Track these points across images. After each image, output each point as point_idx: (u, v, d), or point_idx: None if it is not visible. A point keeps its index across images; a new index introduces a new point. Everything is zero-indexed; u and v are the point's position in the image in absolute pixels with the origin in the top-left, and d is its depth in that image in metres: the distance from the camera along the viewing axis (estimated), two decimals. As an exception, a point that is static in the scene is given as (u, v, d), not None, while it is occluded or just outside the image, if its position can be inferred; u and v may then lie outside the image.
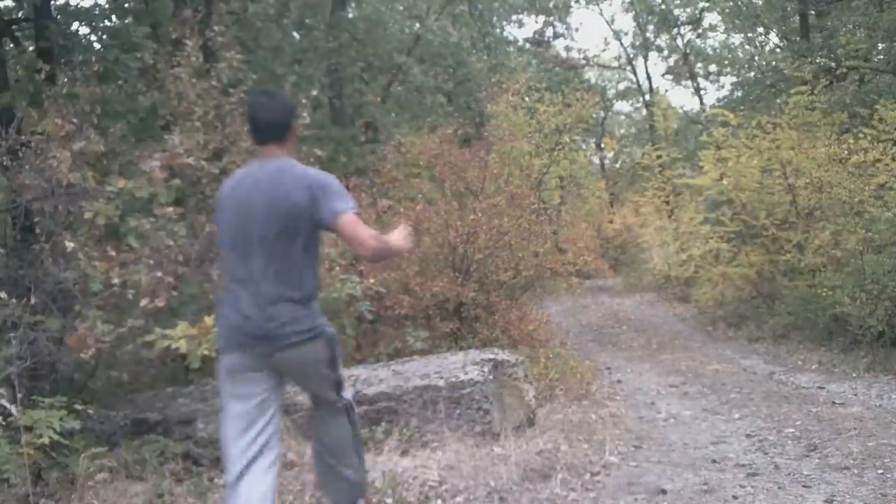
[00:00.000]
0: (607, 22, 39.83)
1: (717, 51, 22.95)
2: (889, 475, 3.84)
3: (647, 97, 26.56)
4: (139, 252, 4.48)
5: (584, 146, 22.32)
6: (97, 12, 7.92)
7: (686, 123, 22.20)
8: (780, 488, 3.72)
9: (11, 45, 7.61)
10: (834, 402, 5.92)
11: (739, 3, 17.22)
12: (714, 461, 4.32)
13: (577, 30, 42.54)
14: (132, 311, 4.31)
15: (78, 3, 8.12)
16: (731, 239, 12.29)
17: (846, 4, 13.43)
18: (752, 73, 17.39)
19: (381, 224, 8.12)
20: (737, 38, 20.65)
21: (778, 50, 17.20)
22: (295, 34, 12.76)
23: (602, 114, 26.93)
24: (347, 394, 2.83)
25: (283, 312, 2.55)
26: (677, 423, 5.58)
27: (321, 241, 2.81)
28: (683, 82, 27.28)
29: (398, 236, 2.72)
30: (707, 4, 21.95)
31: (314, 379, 2.73)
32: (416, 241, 8.01)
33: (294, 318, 2.56)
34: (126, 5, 8.66)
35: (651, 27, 25.30)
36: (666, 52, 26.39)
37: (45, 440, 3.52)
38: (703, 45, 24.53)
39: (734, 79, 20.13)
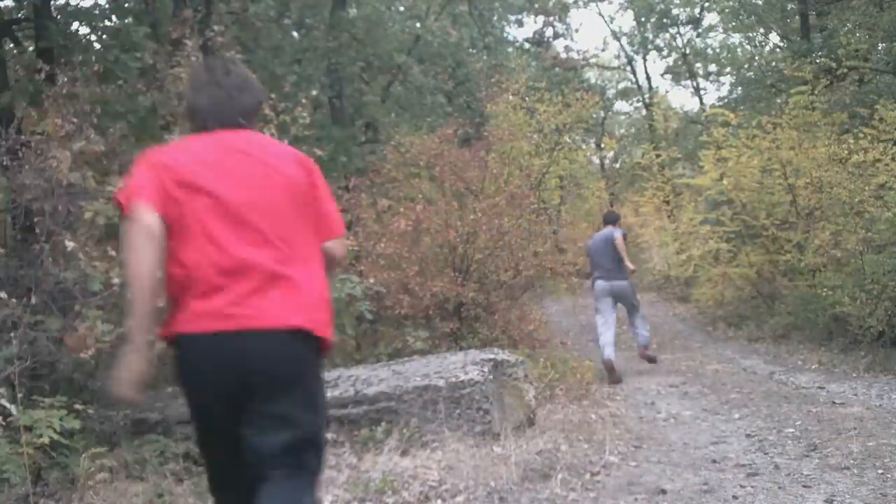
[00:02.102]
0: (606, 22, 39.84)
1: (717, 51, 22.94)
2: (889, 475, 3.83)
3: (647, 97, 26.53)
4: (139, 252, 4.47)
5: (584, 146, 22.29)
6: (97, 12, 7.92)
7: (686, 123, 22.16)
8: (780, 488, 3.72)
9: (11, 45, 7.62)
10: (834, 402, 5.91)
11: (739, 2, 17.19)
12: (714, 461, 4.32)
13: (576, 30, 42.61)
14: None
15: (78, 3, 8.12)
16: (731, 239, 12.28)
17: (846, 4, 13.41)
18: (752, 73, 17.36)
19: (381, 224, 8.14)
20: (736, 38, 20.64)
21: (778, 50, 17.20)
22: (295, 34, 12.75)
23: (602, 114, 26.88)
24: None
25: None
26: (677, 423, 5.58)
27: None
28: (683, 82, 27.21)
29: None
30: (707, 4, 21.93)
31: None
32: (416, 241, 8.03)
33: None
34: (126, 5, 8.66)
35: (650, 26, 25.22)
36: (665, 52, 26.35)
37: (45, 440, 3.51)
38: (702, 45, 24.53)
39: (734, 78, 20.11)
